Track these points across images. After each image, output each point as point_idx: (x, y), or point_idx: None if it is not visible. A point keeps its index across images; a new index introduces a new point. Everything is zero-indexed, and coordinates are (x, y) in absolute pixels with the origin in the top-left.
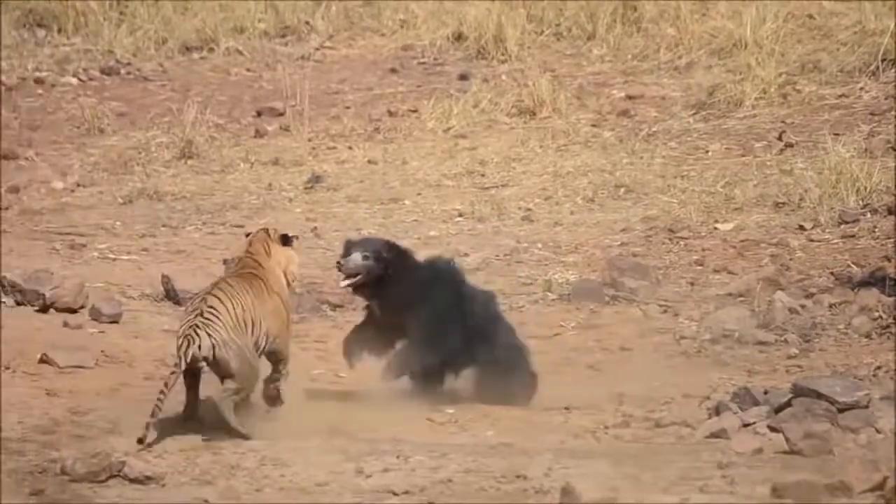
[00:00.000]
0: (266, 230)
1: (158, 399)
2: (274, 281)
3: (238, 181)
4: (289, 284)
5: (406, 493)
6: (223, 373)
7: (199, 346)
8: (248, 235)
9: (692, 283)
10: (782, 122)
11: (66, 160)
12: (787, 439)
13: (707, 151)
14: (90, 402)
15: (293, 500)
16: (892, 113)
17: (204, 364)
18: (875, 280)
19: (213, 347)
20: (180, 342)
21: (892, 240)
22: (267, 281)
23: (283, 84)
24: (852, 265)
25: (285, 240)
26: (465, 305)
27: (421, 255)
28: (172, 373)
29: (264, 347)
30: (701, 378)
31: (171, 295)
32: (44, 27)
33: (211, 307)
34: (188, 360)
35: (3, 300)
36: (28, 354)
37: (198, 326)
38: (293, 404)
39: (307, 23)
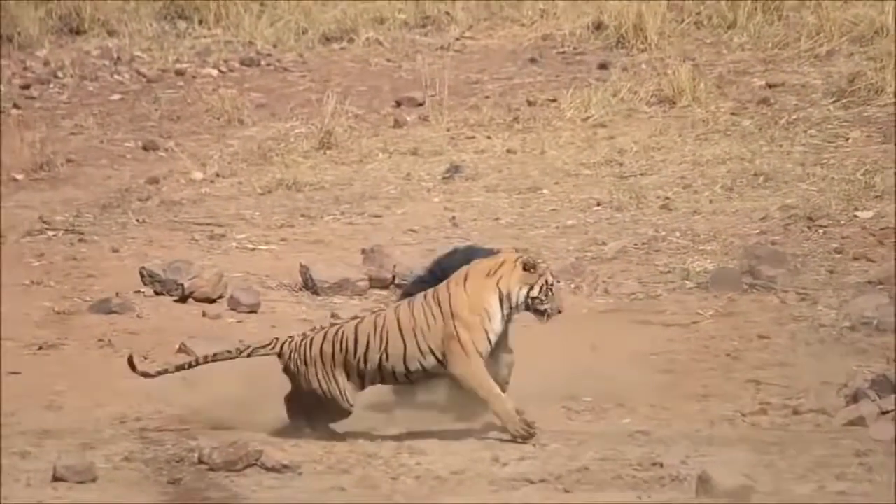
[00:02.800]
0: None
1: None
2: None
3: (376, 171)
4: None
5: (542, 481)
6: None
7: None
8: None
9: (831, 271)
10: None
11: (206, 151)
12: None
13: (847, 139)
14: (228, 392)
15: (429, 488)
16: None
17: None
18: None
19: None
20: None
21: None
22: None
23: (423, 74)
24: None
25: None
26: None
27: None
28: None
29: None
30: (839, 366)
31: (310, 285)
32: (185, 19)
33: None
34: None
35: (142, 290)
36: (166, 344)
37: None
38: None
39: (447, 13)
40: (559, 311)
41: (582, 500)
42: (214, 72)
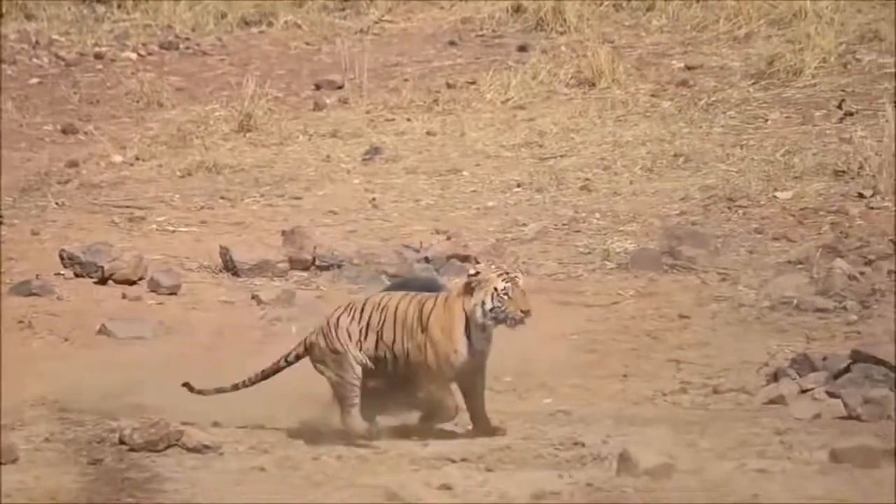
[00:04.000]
0: None
1: None
2: None
3: (296, 153)
4: None
5: (464, 460)
6: None
7: None
8: None
9: (751, 251)
10: (842, 90)
11: (126, 134)
12: (845, 405)
13: (766, 120)
14: (149, 373)
15: (351, 468)
16: None
17: None
18: None
19: None
20: None
21: None
22: None
23: (342, 57)
24: None
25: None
26: None
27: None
28: None
29: None
30: (759, 345)
31: (230, 266)
32: (103, 3)
33: None
34: None
35: (62, 272)
36: (87, 326)
37: None
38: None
39: None
40: (524, 313)
41: (503, 479)
42: (133, 55)
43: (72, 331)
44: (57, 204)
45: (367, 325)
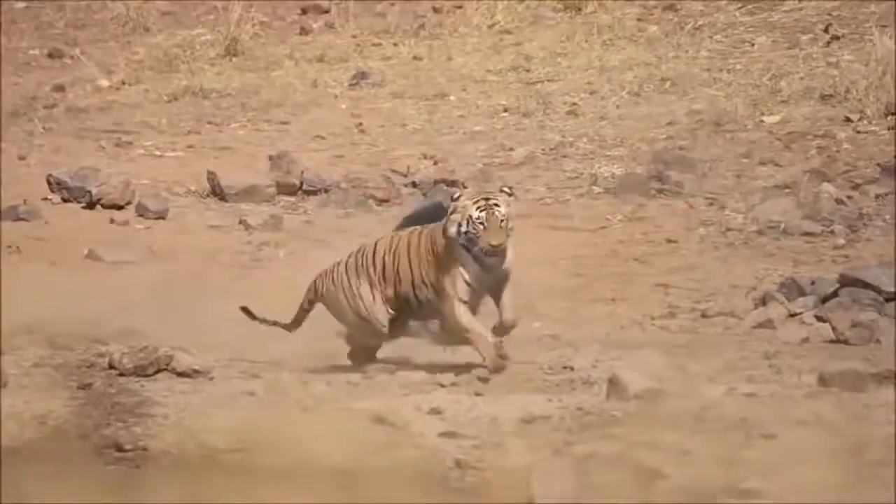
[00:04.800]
0: None
1: None
2: None
3: (283, 78)
4: None
5: (453, 385)
6: None
7: None
8: None
9: (738, 176)
10: (829, 14)
11: (112, 59)
12: (833, 329)
13: (753, 44)
14: (137, 298)
15: (341, 392)
16: None
17: None
18: None
19: None
20: None
21: None
22: None
23: None
24: None
25: None
26: None
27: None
28: None
29: None
30: (747, 269)
31: (217, 191)
32: None
33: None
34: None
35: (49, 197)
36: (75, 251)
37: None
38: None
39: None
40: (491, 247)
41: (493, 403)
42: None
43: (60, 256)
44: (44, 129)
45: (384, 268)
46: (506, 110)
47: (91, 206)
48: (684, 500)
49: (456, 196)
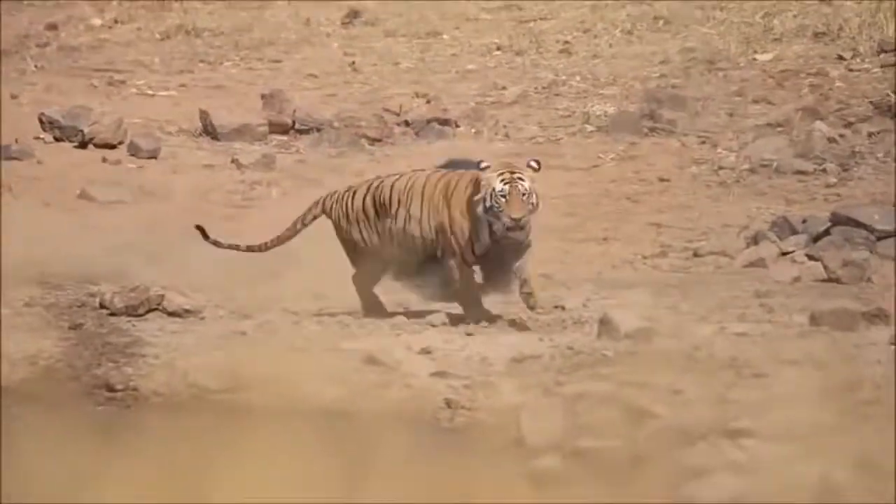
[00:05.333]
0: None
1: None
2: None
3: (275, 16)
4: None
5: (444, 324)
6: None
7: None
8: None
9: (731, 114)
10: None
11: None
12: (825, 267)
13: None
14: (129, 237)
15: (332, 333)
16: None
17: None
18: None
19: None
20: None
21: None
22: None
23: None
24: (891, 94)
25: None
26: None
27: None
28: None
29: None
30: (739, 208)
31: (209, 130)
32: None
33: None
34: None
35: (42, 136)
36: (67, 190)
37: None
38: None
39: None
40: (513, 220)
41: (484, 343)
42: None
43: (52, 195)
44: (36, 67)
45: (396, 206)
46: (498, 49)
47: (83, 145)
48: (675, 440)
49: (483, 165)
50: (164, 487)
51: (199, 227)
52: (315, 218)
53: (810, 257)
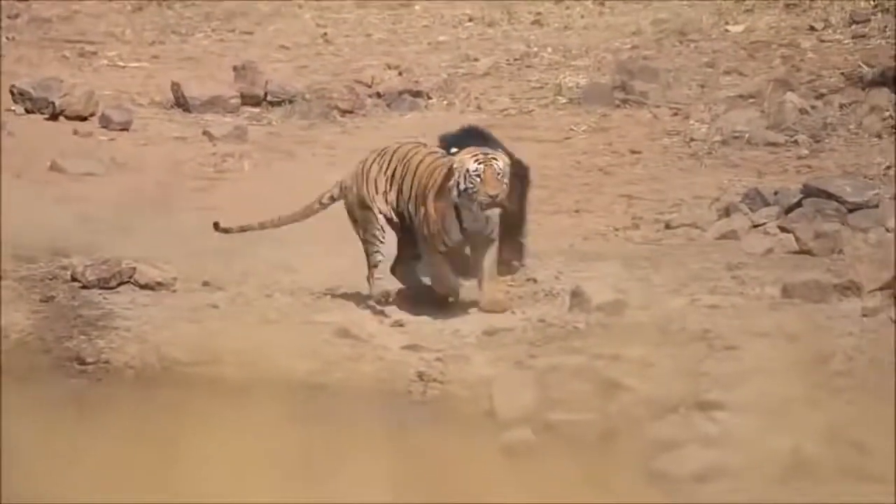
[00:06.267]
0: None
1: None
2: None
3: None
4: None
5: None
6: None
7: None
8: None
9: (702, 86)
10: None
11: None
12: (797, 239)
13: None
14: (100, 210)
15: (303, 304)
16: None
17: None
18: (885, 79)
19: None
20: None
21: None
22: None
23: None
24: (863, 65)
25: None
26: None
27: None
28: None
29: None
30: (711, 179)
31: (181, 102)
32: None
33: None
34: None
35: (13, 108)
36: (38, 162)
37: None
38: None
39: None
40: (490, 197)
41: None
42: None
43: (23, 167)
44: (7, 38)
45: (392, 176)
46: (470, 20)
47: (54, 117)
48: (647, 412)
49: (454, 150)
50: (136, 460)
51: (215, 224)
52: (333, 199)
53: (782, 229)
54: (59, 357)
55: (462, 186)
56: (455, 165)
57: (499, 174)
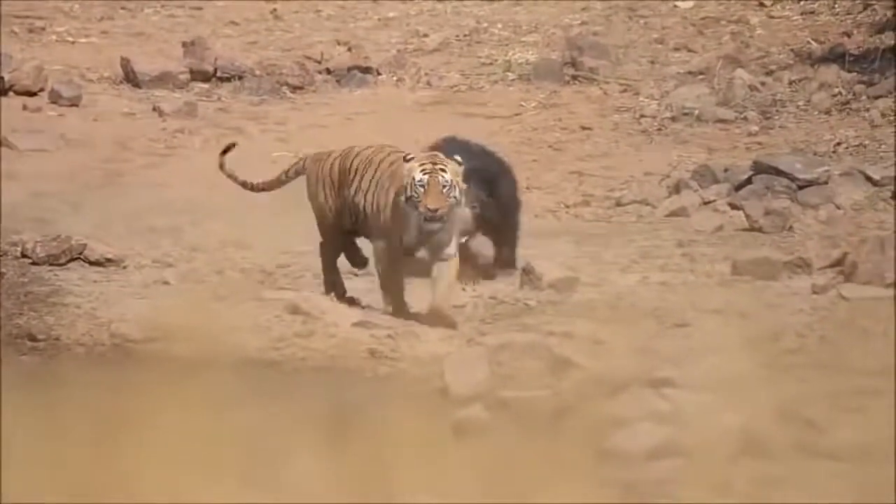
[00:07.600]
0: None
1: None
2: None
3: None
4: None
5: (370, 274)
6: None
7: None
8: None
9: (652, 62)
10: None
11: None
12: (747, 216)
13: None
14: (50, 186)
15: (255, 281)
16: None
17: None
18: (834, 56)
19: None
20: None
21: (851, 16)
22: None
23: None
24: (812, 41)
25: None
26: None
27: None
28: None
29: None
30: (661, 156)
31: (131, 77)
32: None
33: None
34: None
35: None
36: None
37: None
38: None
39: None
40: (429, 210)
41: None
42: None
43: None
44: None
45: (349, 170)
46: None
47: (3, 92)
48: (598, 389)
49: (408, 157)
50: (87, 437)
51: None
52: (297, 173)
53: (732, 206)
54: (9, 334)
55: (408, 193)
56: (405, 172)
57: (444, 187)
